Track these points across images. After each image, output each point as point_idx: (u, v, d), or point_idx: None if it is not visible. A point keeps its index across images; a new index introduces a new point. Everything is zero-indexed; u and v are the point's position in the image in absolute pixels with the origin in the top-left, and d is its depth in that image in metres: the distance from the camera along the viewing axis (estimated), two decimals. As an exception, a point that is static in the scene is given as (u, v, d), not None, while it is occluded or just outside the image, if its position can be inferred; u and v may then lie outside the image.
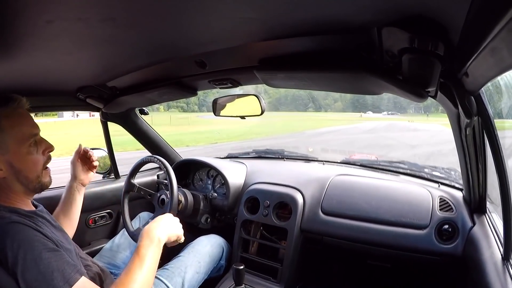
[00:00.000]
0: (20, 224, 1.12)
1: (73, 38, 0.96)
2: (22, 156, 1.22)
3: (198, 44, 1.19)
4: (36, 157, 1.26)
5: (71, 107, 2.20)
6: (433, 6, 0.73)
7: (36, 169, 1.26)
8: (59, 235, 1.30)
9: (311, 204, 2.04)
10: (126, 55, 1.30)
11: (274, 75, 1.30)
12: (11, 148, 1.19)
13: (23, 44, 0.97)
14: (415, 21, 0.78)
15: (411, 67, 0.94)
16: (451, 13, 0.73)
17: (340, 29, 0.94)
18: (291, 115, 43.59)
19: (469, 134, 1.28)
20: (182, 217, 2.22)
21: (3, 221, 1.11)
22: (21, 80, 1.44)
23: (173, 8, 0.80)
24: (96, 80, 1.73)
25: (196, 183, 2.70)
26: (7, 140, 1.18)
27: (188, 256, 1.91)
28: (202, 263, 1.93)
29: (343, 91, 1.44)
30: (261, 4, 0.79)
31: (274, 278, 2.04)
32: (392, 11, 0.78)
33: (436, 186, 1.96)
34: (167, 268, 1.81)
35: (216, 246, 2.09)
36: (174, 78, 1.65)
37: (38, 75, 1.42)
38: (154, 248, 1.36)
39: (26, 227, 1.13)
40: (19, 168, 1.22)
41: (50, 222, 1.33)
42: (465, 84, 1.01)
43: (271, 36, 1.05)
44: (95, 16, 0.79)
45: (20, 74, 1.34)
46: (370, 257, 1.95)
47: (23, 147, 1.22)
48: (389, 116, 39.84)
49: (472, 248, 1.51)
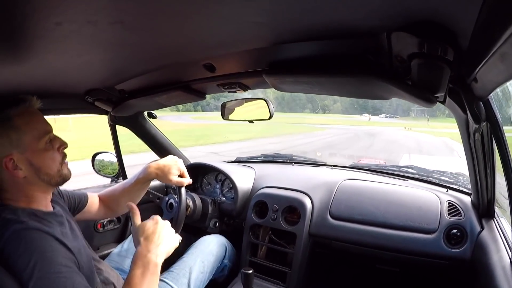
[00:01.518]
0: (37, 231, 1.09)
1: (82, 40, 0.96)
2: (40, 153, 1.20)
3: (207, 48, 1.19)
4: (53, 153, 1.24)
5: (79, 110, 2.18)
6: (442, 11, 0.73)
7: (55, 165, 1.24)
8: (77, 240, 1.28)
9: (320, 208, 2.05)
10: (134, 58, 1.30)
11: (283, 79, 1.30)
12: (28, 146, 1.18)
13: (33, 46, 0.97)
14: (425, 26, 0.78)
15: (420, 72, 0.94)
16: (461, 18, 0.74)
17: (349, 33, 0.95)
18: (285, 117, 42.71)
19: (477, 139, 1.28)
20: (190, 222, 2.23)
21: (19, 226, 1.08)
22: (30, 82, 1.44)
23: (182, 12, 0.80)
24: (104, 83, 1.73)
25: (204, 187, 2.70)
26: (23, 138, 1.17)
27: (192, 257, 1.92)
28: (206, 262, 1.93)
29: (352, 96, 1.43)
30: (269, 8, 0.79)
31: (283, 283, 2.04)
32: (402, 16, 0.78)
33: (445, 191, 1.96)
34: (172, 270, 1.82)
35: (219, 245, 2.10)
36: (183, 82, 1.65)
37: (47, 77, 1.42)
38: (150, 277, 1.17)
39: (43, 234, 1.09)
40: (38, 165, 1.20)
41: (68, 224, 1.31)
42: (474, 89, 1.01)
43: (280, 41, 1.06)
44: (104, 19, 0.79)
45: (29, 76, 1.33)
46: (378, 262, 1.95)
47: (40, 144, 1.20)
48: (386, 120, 38.50)
49: (481, 253, 1.51)
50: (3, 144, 1.14)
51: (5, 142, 1.14)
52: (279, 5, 0.77)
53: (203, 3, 0.74)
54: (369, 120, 39.56)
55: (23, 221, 1.09)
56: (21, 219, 1.10)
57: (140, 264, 1.18)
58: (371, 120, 39.71)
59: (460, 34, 0.79)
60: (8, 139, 1.14)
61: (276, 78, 1.31)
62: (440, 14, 0.75)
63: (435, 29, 0.78)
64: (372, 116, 43.97)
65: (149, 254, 1.20)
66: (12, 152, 1.15)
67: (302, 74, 1.21)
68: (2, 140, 1.14)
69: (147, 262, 1.18)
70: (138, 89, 1.83)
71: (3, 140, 1.14)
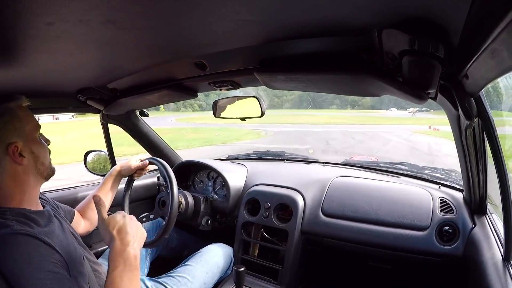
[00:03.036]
0: (23, 236, 1.06)
1: (74, 40, 0.96)
2: (38, 143, 1.26)
3: (198, 46, 1.19)
4: (45, 145, 1.31)
5: (71, 108, 2.17)
6: (433, 9, 0.73)
7: (47, 156, 1.30)
8: (67, 240, 1.25)
9: (312, 205, 2.05)
10: (126, 57, 1.30)
11: (274, 77, 1.30)
12: (28, 135, 1.22)
13: (24, 46, 0.97)
14: (415, 23, 0.78)
15: (411, 69, 0.94)
16: (451, 15, 0.74)
17: (340, 31, 0.95)
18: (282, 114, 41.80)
19: (469, 135, 1.28)
20: (182, 219, 2.23)
21: (6, 230, 1.05)
22: (22, 82, 1.45)
23: (173, 11, 0.80)
24: (96, 82, 1.73)
25: (196, 185, 2.70)
26: (25, 127, 1.22)
27: (196, 266, 1.90)
28: (210, 273, 1.93)
29: (344, 93, 1.44)
30: (260, 6, 0.79)
31: (275, 280, 2.04)
32: (392, 13, 0.78)
33: (437, 187, 1.97)
34: (173, 276, 1.80)
35: (225, 256, 2.09)
36: (175, 80, 1.65)
37: (38, 77, 1.43)
38: (132, 273, 1.11)
39: (30, 239, 1.06)
40: (37, 154, 1.25)
41: (59, 223, 1.31)
42: (465, 86, 1.01)
43: (271, 38, 1.05)
44: (95, 18, 0.79)
45: (21, 76, 1.34)
46: (371, 259, 1.95)
47: (36, 134, 1.27)
48: (417, 115, 37.18)
49: (473, 249, 1.52)
50: (9, 131, 1.18)
51: (11, 130, 1.18)
52: (270, 3, 0.77)
53: (195, 1, 0.74)
54: (413, 116, 37.40)
55: (10, 225, 1.07)
56: (8, 223, 1.08)
57: (120, 261, 1.10)
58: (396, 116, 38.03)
59: (451, 31, 0.79)
60: (13, 126, 1.19)
61: (267, 76, 1.31)
62: (430, 11, 0.75)
63: (426, 26, 0.79)
64: (399, 110, 42.53)
65: (127, 248, 1.14)
66: (17, 140, 1.18)
67: (293, 71, 1.22)
68: (8, 127, 1.18)
69: (126, 257, 1.12)
70: (130, 88, 1.83)
71: (9, 127, 1.18)
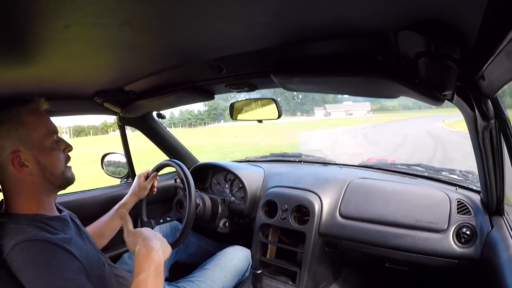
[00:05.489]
0: (41, 242, 1.05)
1: (90, 42, 0.96)
2: (47, 151, 1.21)
3: (215, 49, 1.20)
4: (59, 153, 1.25)
5: (88, 111, 2.20)
6: (448, 10, 0.74)
7: (60, 165, 1.25)
8: (85, 246, 1.26)
9: (329, 207, 2.05)
10: (143, 60, 1.31)
11: (290, 79, 1.30)
12: (36, 143, 1.18)
13: (41, 49, 0.98)
14: (431, 25, 0.79)
15: (428, 71, 0.94)
16: (467, 17, 0.74)
17: (356, 33, 0.96)
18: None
19: (486, 137, 1.28)
20: (200, 222, 2.24)
21: (22, 237, 1.04)
22: (39, 85, 1.45)
23: (189, 14, 0.80)
24: (113, 84, 1.74)
25: (213, 187, 2.70)
26: (31, 134, 1.17)
27: (215, 270, 1.91)
28: (229, 277, 1.93)
29: (360, 95, 1.44)
30: (276, 8, 0.80)
31: (292, 282, 2.05)
32: (408, 15, 0.79)
33: (454, 189, 1.95)
34: (192, 280, 1.81)
35: (243, 259, 2.09)
36: (191, 82, 1.66)
37: (55, 80, 1.43)
38: (157, 279, 1.12)
39: (47, 245, 1.06)
40: (45, 163, 1.20)
41: (76, 228, 1.31)
42: (482, 87, 1.01)
43: (287, 40, 1.06)
44: (112, 21, 0.80)
45: (38, 78, 1.34)
46: (388, 260, 1.94)
47: (47, 142, 1.21)
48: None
49: (490, 251, 1.51)
50: (11, 139, 1.14)
51: (13, 138, 1.14)
52: (286, 5, 0.78)
53: (211, 4, 0.75)
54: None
55: (26, 231, 1.07)
56: (24, 229, 1.08)
57: (145, 266, 1.11)
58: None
59: (467, 33, 0.80)
60: (16, 134, 1.15)
61: (283, 78, 1.31)
62: (446, 13, 0.75)
63: (442, 28, 0.79)
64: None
65: (153, 253, 1.15)
66: (20, 148, 1.15)
67: (310, 73, 1.22)
68: (10, 134, 1.14)
69: (151, 261, 1.13)
70: (146, 90, 1.85)
71: (12, 135, 1.14)
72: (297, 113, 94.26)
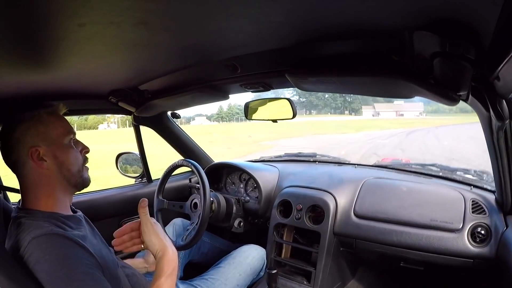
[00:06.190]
0: (57, 236, 1.08)
1: (105, 41, 0.98)
2: (65, 148, 1.25)
3: (230, 48, 1.21)
4: (76, 152, 1.29)
5: (103, 110, 2.22)
6: (464, 10, 0.75)
7: (77, 163, 1.28)
8: (99, 245, 1.28)
9: (344, 207, 2.05)
10: (158, 59, 1.32)
11: (305, 78, 1.31)
12: (54, 139, 1.22)
13: (56, 48, 1.00)
14: (447, 25, 0.79)
15: (443, 71, 0.95)
16: (482, 17, 0.75)
17: (371, 32, 0.97)
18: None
19: (500, 137, 1.28)
20: (214, 221, 2.25)
21: (39, 232, 1.06)
22: (54, 84, 1.46)
23: (204, 13, 0.81)
24: (128, 83, 1.77)
25: (228, 186, 2.72)
26: (50, 132, 1.22)
27: (229, 268, 1.92)
28: (243, 275, 1.94)
29: (374, 95, 1.44)
30: (291, 8, 0.81)
31: (308, 282, 2.05)
32: (423, 15, 0.80)
33: (468, 189, 1.94)
34: (206, 278, 1.82)
35: (258, 258, 2.10)
36: (206, 82, 1.67)
37: (70, 79, 1.45)
38: (172, 278, 1.21)
39: (64, 239, 1.08)
40: (62, 160, 1.23)
41: (90, 228, 1.34)
42: (497, 87, 1.02)
43: (302, 40, 1.08)
44: (127, 20, 0.81)
45: (53, 77, 1.36)
46: (403, 260, 1.95)
47: (65, 140, 1.25)
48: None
49: (505, 251, 1.51)
50: (31, 135, 1.18)
51: (33, 134, 1.19)
52: (302, 5, 0.79)
53: (226, 3, 0.76)
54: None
55: (43, 226, 1.09)
56: (41, 224, 1.10)
57: (169, 268, 1.20)
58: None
59: (482, 33, 0.80)
60: (35, 131, 1.19)
61: (298, 78, 1.32)
62: (461, 13, 0.76)
63: (457, 28, 0.80)
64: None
65: (174, 256, 1.24)
66: (39, 144, 1.19)
67: (325, 73, 1.23)
68: (30, 131, 1.19)
69: (175, 264, 1.22)
70: (161, 89, 1.86)
71: (31, 132, 1.19)
72: (345, 111, 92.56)
